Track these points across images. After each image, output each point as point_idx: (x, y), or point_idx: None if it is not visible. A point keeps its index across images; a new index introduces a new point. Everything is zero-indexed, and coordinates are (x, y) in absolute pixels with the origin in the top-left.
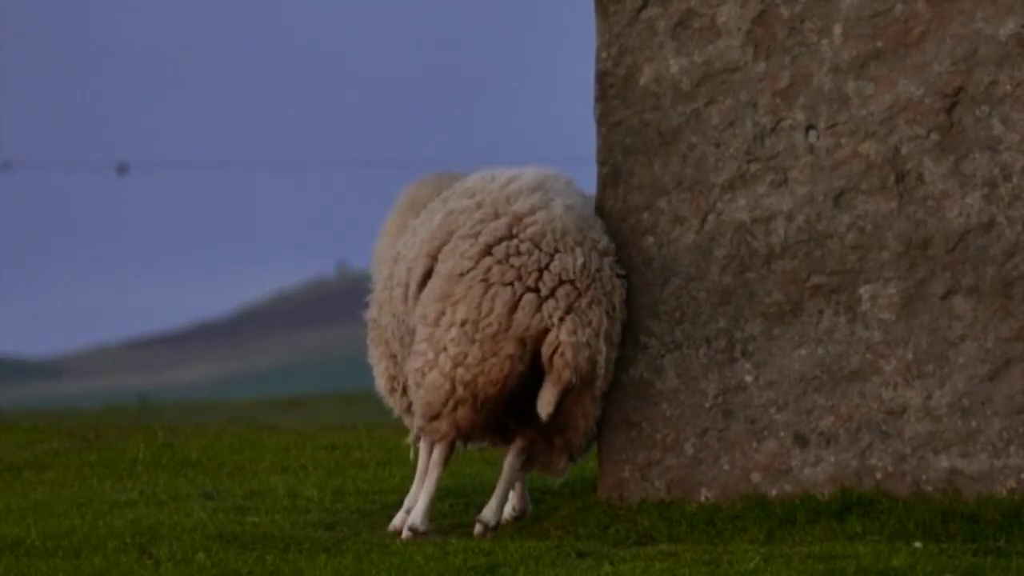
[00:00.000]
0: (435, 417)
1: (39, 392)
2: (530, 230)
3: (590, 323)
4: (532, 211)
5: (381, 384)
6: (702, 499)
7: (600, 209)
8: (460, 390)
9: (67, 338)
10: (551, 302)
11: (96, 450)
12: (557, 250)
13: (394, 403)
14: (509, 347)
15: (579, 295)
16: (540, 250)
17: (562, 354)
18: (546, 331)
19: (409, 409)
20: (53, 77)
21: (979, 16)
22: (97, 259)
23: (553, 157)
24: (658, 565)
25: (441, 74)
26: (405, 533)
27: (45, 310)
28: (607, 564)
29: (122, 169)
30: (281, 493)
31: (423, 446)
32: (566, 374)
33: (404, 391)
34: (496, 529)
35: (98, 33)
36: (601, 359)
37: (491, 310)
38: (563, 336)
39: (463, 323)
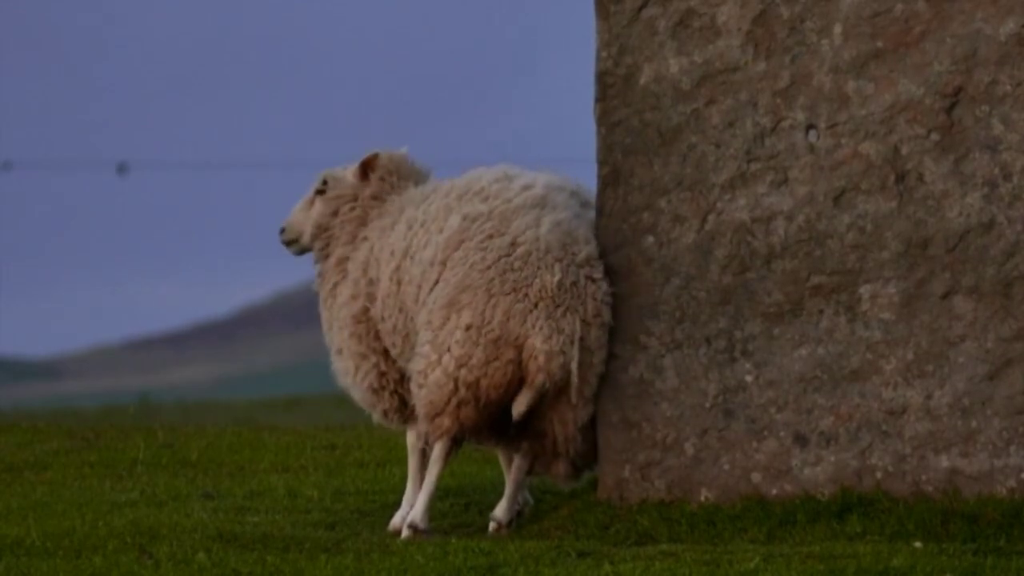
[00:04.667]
0: (438, 415)
1: (39, 392)
2: (520, 250)
3: (563, 330)
4: (524, 231)
5: (367, 381)
6: (702, 499)
7: (600, 209)
8: (463, 391)
9: (67, 338)
10: (534, 314)
11: (96, 450)
12: (539, 267)
13: (377, 401)
14: (509, 352)
15: (556, 307)
16: (528, 266)
17: (536, 358)
18: (528, 338)
19: (399, 408)
20: (53, 77)
21: (979, 16)
22: (97, 259)
23: (553, 157)
24: (658, 565)
25: (441, 74)
26: (405, 531)
27: (45, 310)
28: (607, 564)
29: (122, 169)
30: (281, 493)
31: (412, 450)
32: (539, 378)
33: (395, 389)
34: (511, 526)
35: (99, 33)
36: (574, 366)
37: (493, 317)
38: (538, 343)
39: (468, 327)
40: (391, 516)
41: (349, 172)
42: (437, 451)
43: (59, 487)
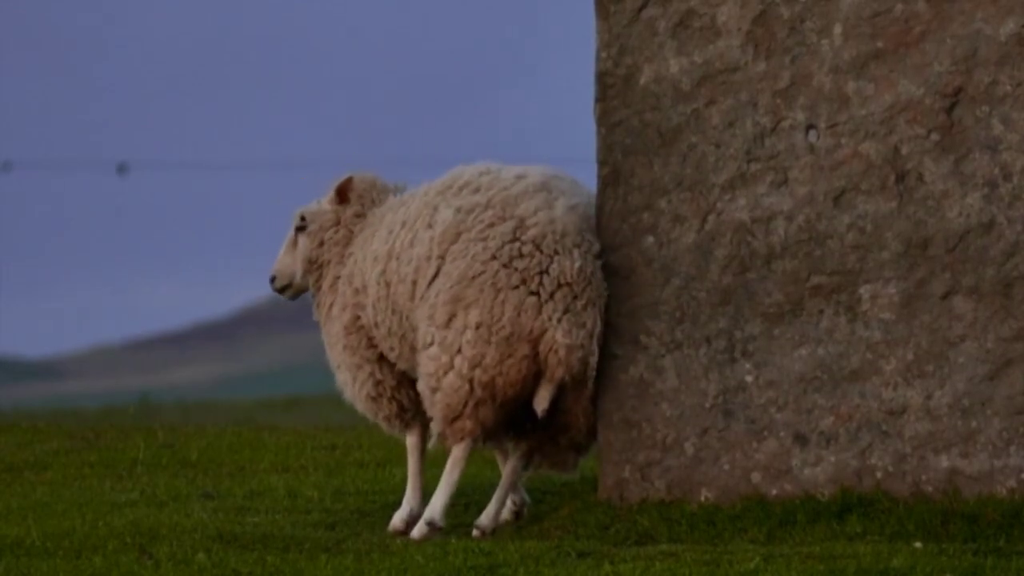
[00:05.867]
0: (456, 418)
1: (39, 392)
2: (531, 232)
3: (584, 325)
4: (534, 212)
5: (364, 390)
6: (702, 499)
7: (600, 209)
8: (479, 391)
9: (67, 338)
10: (550, 304)
11: (96, 450)
12: (556, 252)
13: (377, 409)
14: (523, 349)
15: (575, 297)
16: (541, 252)
17: (556, 352)
18: (545, 331)
19: (398, 413)
20: (53, 77)
21: (979, 16)
22: (97, 259)
23: (553, 157)
24: (658, 565)
25: (440, 74)
26: (421, 527)
27: (45, 310)
28: (607, 564)
29: (122, 169)
30: (281, 493)
31: (411, 451)
32: (559, 372)
33: (392, 395)
34: (494, 533)
35: (99, 33)
36: (593, 360)
37: (503, 314)
38: (559, 337)
39: (477, 326)
40: (391, 516)
41: (325, 201)
42: (458, 452)
43: (59, 487)
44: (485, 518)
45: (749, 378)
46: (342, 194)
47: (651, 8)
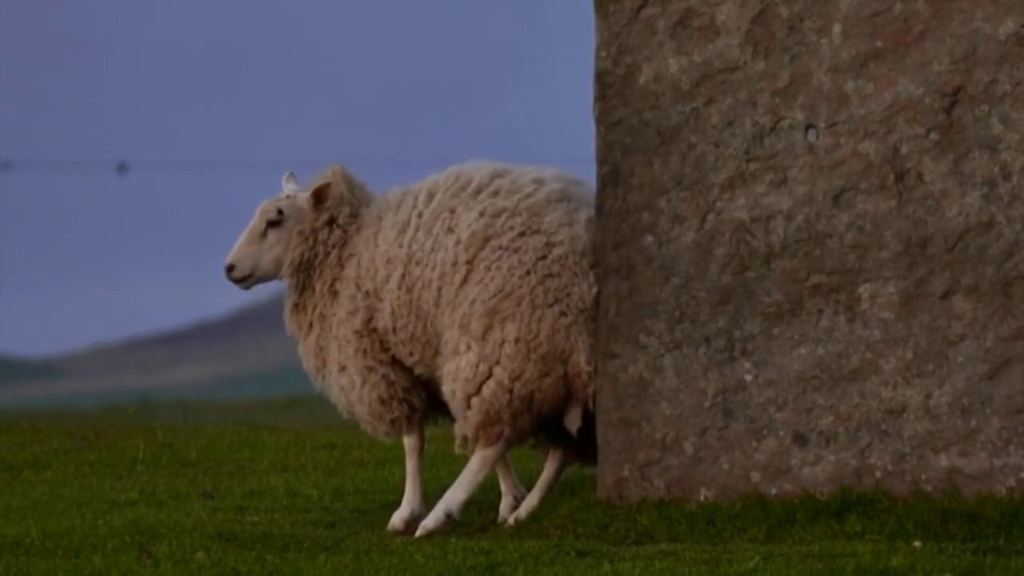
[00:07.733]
0: (495, 423)
1: (38, 392)
2: (557, 251)
3: (592, 346)
4: (558, 228)
5: (375, 393)
6: (702, 498)
7: (600, 208)
8: (517, 403)
9: (66, 338)
10: (576, 327)
11: (96, 450)
12: (576, 274)
13: (386, 411)
14: (559, 368)
15: (589, 319)
16: (566, 271)
17: (580, 376)
18: (573, 353)
19: (408, 415)
20: (53, 77)
21: (979, 16)
22: (97, 259)
23: (553, 157)
24: (658, 564)
25: (440, 74)
26: (437, 516)
27: (44, 310)
28: (607, 564)
29: (122, 169)
30: (281, 493)
31: (410, 452)
32: (586, 392)
33: (403, 397)
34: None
35: (99, 33)
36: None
37: (539, 331)
38: (582, 361)
39: (516, 340)
40: (390, 515)
41: (301, 199)
42: (491, 453)
43: (59, 487)
44: (523, 511)
45: (748, 377)
46: (318, 198)
47: (650, 7)
